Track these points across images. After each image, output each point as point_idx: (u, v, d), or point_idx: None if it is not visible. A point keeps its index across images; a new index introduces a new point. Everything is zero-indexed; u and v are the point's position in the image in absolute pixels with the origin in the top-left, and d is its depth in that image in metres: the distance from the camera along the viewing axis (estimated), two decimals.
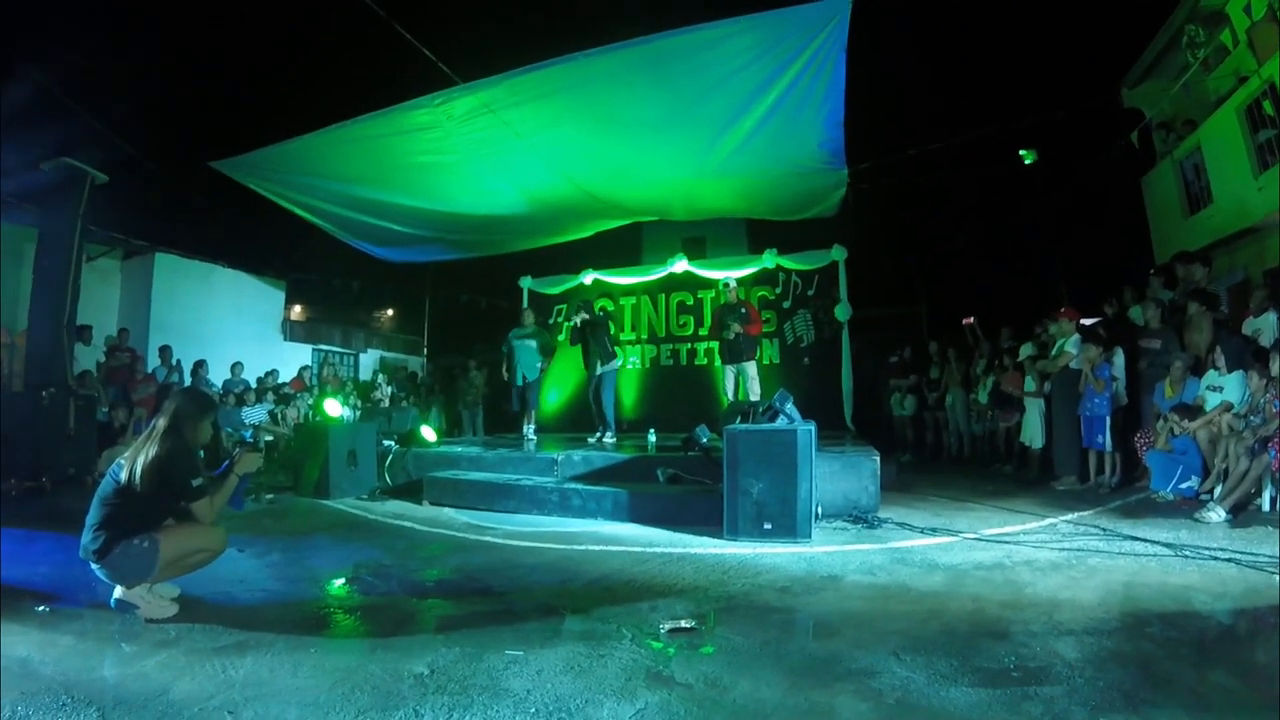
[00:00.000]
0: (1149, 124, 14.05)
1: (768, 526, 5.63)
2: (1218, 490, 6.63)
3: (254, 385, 13.97)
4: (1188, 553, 4.95)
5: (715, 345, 11.99)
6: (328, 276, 19.49)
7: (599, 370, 10.07)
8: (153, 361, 13.65)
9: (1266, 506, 6.39)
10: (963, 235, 19.02)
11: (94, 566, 3.75)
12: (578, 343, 10.45)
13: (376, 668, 3.07)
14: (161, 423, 3.89)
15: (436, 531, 6.45)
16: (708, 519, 6.02)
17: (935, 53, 18.83)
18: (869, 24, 6.86)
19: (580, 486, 7.21)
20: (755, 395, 9.32)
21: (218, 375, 13.92)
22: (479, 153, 9.13)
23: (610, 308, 13.33)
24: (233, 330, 17.26)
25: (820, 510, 6.27)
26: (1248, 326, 7.82)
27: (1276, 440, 6.18)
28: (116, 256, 16.01)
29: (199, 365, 13.30)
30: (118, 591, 3.77)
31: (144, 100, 17.38)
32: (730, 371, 10.02)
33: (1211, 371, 7.26)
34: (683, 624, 3.55)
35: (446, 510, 7.45)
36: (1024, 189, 16.73)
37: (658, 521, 6.39)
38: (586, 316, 10.22)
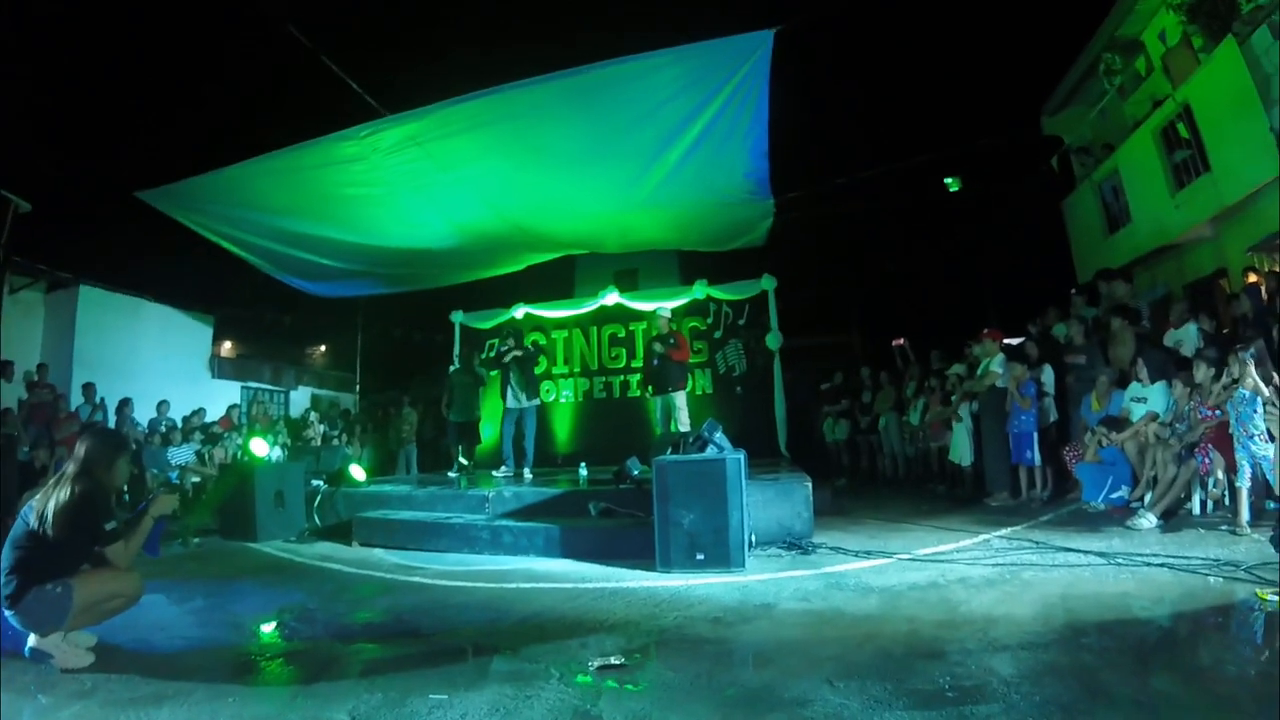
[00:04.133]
0: (1068, 149, 14.60)
1: (700, 557, 5.55)
2: (1148, 498, 6.78)
3: (180, 424, 13.50)
4: (1121, 560, 5.03)
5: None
6: (257, 312, 19.14)
7: (522, 404, 9.95)
8: (76, 399, 13.18)
9: (1197, 510, 6.59)
10: (891, 262, 19.50)
11: (6, 613, 3.62)
12: (496, 369, 10.32)
13: (296, 716, 2.98)
14: (71, 467, 3.77)
15: (365, 573, 6.26)
16: (641, 552, 5.91)
17: (860, 83, 19.31)
18: (793, 56, 6.96)
19: (511, 523, 7.08)
20: (684, 426, 9.16)
21: (143, 414, 13.46)
22: (408, 185, 9.00)
23: (543, 341, 13.21)
24: (159, 367, 16.73)
25: (754, 538, 6.22)
26: (1169, 338, 8.09)
27: (1203, 446, 6.38)
28: (40, 289, 15.40)
29: (124, 404, 12.87)
30: (31, 640, 3.64)
31: (70, 128, 17.02)
32: (659, 403, 9.85)
33: (1135, 383, 7.45)
34: (613, 660, 3.46)
35: (376, 551, 7.23)
36: (949, 215, 17.23)
37: (590, 556, 6.28)
38: (513, 347, 10.08)
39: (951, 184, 14.86)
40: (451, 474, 10.53)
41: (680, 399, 9.60)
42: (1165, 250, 11.89)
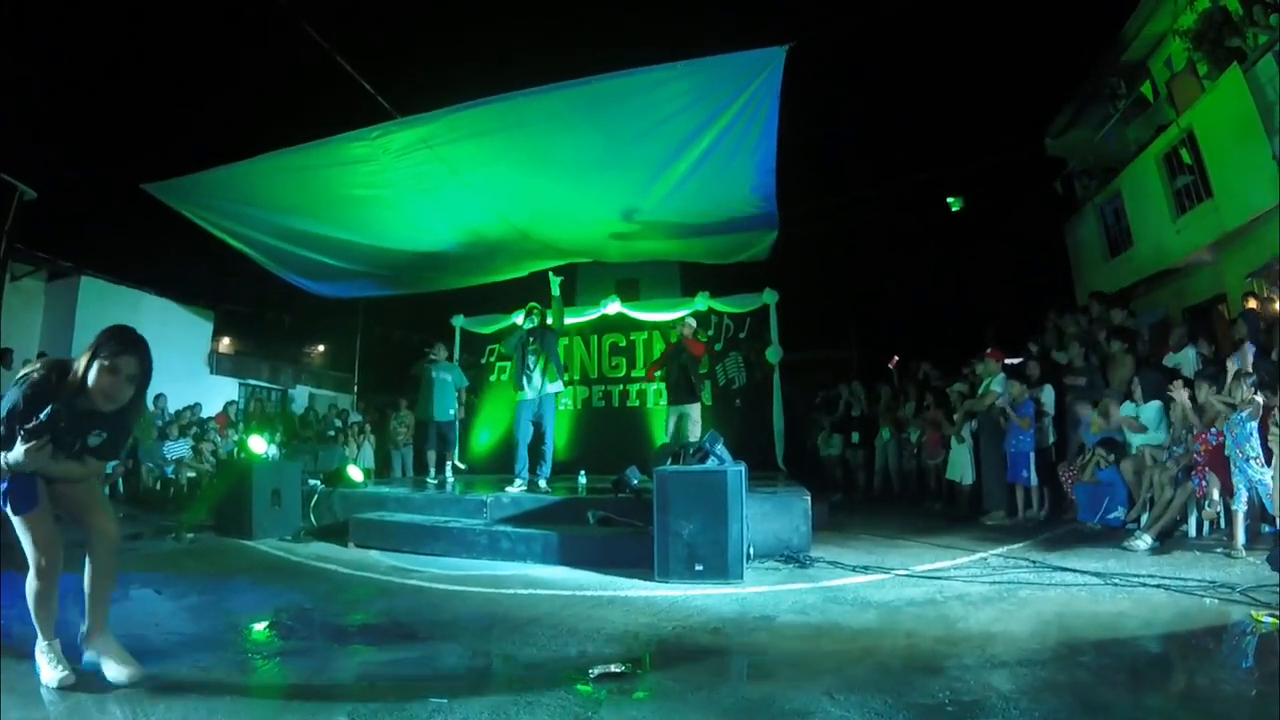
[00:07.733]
0: (1071, 171, 14.66)
1: (699, 568, 5.55)
2: (1144, 519, 6.82)
3: (174, 419, 13.45)
4: (1117, 581, 5.04)
5: (649, 387, 11.91)
6: (258, 309, 19.14)
7: (546, 389, 8.56)
8: None
9: (1192, 532, 6.63)
10: (893, 279, 19.54)
11: None
12: (516, 349, 8.82)
13: (293, 716, 2.96)
14: None
15: (361, 575, 6.23)
16: (639, 561, 5.92)
17: (866, 102, 19.35)
18: (802, 73, 6.98)
19: (509, 529, 7.06)
20: (696, 437, 9.03)
21: None
22: (415, 188, 8.99)
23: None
24: (158, 361, 16.27)
25: (752, 551, 6.22)
26: (1168, 362, 8.12)
27: (1199, 468, 6.41)
28: (41, 277, 15.45)
29: None
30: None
31: (79, 119, 17.02)
32: (674, 413, 9.58)
33: (1129, 403, 7.49)
34: (612, 669, 3.45)
35: (372, 553, 7.20)
36: (952, 235, 17.29)
37: (588, 564, 6.27)
38: (537, 323, 8.73)
39: (954, 203, 14.94)
40: (430, 479, 10.07)
41: (696, 411, 9.45)
42: (1166, 274, 11.94)
